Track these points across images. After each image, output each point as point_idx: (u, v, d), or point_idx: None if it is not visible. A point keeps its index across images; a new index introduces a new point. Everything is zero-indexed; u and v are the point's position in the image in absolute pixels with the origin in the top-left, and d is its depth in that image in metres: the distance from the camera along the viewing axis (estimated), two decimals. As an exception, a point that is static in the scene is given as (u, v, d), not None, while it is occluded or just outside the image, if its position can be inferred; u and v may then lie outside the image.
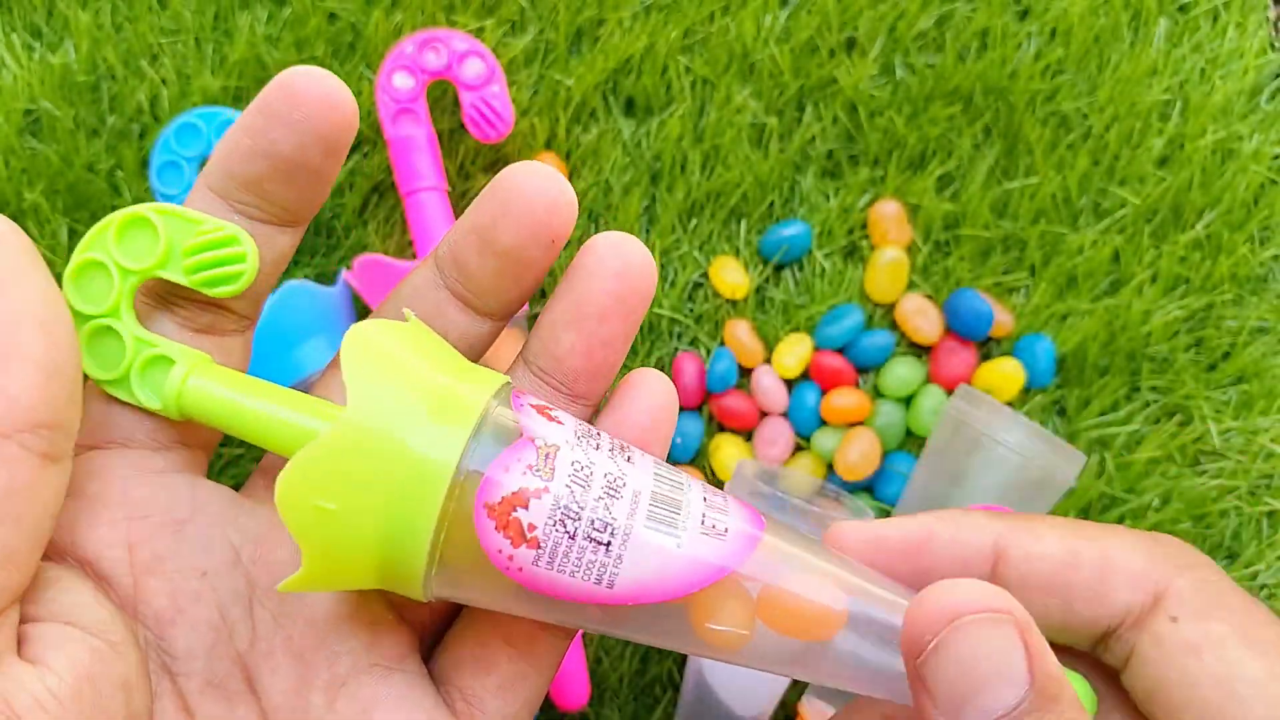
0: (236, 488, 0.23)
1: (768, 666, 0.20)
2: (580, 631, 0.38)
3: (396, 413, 0.19)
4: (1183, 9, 0.42)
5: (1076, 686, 0.19)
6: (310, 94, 0.19)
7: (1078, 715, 0.18)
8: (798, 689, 0.39)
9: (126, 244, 0.20)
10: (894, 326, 0.41)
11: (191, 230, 0.20)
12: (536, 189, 0.20)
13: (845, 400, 0.40)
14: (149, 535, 0.20)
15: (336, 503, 0.18)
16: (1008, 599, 0.18)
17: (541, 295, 0.41)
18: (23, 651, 0.18)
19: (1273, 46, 0.43)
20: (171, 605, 0.20)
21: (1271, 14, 0.43)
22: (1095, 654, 0.21)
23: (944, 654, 0.17)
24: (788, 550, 0.20)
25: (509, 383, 0.20)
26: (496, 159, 0.41)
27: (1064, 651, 0.21)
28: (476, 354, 0.22)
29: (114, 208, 0.39)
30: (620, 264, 0.21)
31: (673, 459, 0.40)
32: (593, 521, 0.19)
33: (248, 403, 0.20)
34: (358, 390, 0.18)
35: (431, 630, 0.23)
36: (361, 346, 0.19)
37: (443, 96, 0.40)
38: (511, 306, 0.22)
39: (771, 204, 0.41)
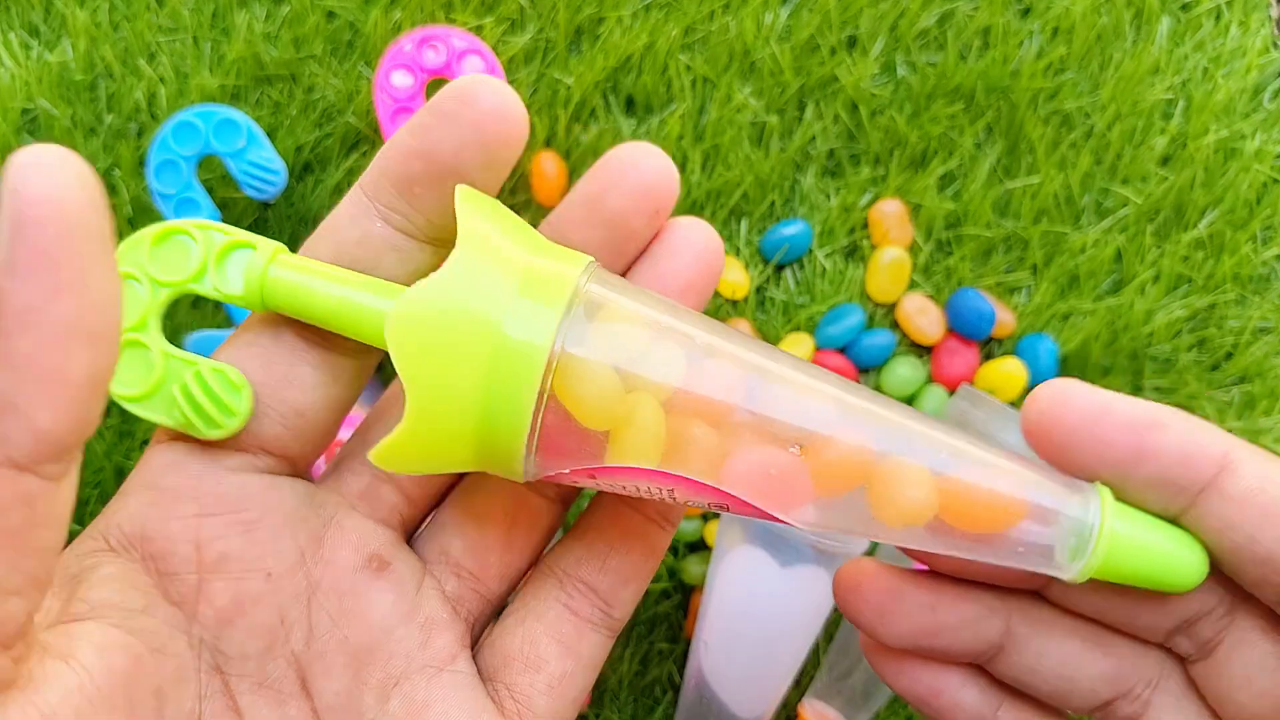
0: None
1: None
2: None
3: (493, 283, 0.19)
4: (1185, 8, 0.42)
5: (1191, 543, 0.19)
6: (484, 101, 0.20)
7: None
8: (798, 690, 0.39)
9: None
10: (895, 326, 0.41)
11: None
12: (645, 161, 0.22)
13: (846, 400, 0.40)
14: (218, 534, 0.20)
15: (441, 352, 0.18)
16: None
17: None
18: (61, 649, 0.17)
19: (1275, 45, 0.42)
20: (233, 606, 0.20)
21: (1274, 12, 0.43)
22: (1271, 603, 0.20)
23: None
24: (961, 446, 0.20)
25: (594, 261, 0.21)
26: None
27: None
28: None
29: (111, 207, 0.39)
30: (701, 245, 0.22)
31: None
32: None
33: (331, 289, 0.20)
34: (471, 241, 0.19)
35: (481, 622, 0.23)
36: (475, 203, 0.20)
37: (442, 95, 0.40)
38: None
39: (772, 203, 0.41)
